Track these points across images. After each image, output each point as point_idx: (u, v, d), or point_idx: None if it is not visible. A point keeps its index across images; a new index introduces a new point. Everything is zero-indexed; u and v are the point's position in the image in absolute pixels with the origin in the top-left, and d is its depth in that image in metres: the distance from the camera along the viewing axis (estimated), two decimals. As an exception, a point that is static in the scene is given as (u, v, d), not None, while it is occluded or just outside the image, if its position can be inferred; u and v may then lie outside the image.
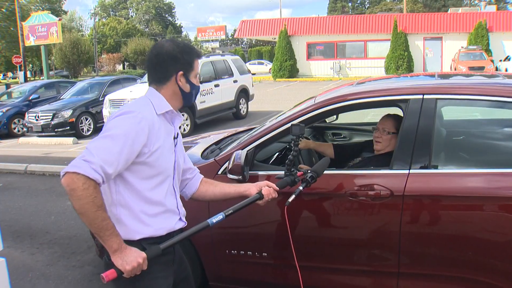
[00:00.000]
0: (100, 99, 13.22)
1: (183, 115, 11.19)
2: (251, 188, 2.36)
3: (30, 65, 57.54)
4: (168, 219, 2.08)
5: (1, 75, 58.72)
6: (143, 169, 1.96)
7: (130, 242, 1.94)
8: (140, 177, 1.96)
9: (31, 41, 31.01)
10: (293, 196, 2.42)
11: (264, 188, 2.35)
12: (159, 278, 2.04)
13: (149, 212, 2.00)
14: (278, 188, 2.39)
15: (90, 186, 1.75)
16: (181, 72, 2.04)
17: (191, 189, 2.36)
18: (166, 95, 2.06)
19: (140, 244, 1.97)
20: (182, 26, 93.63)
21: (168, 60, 2.03)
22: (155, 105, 2.02)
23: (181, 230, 2.16)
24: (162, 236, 2.04)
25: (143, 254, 1.89)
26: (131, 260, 1.85)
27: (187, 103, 2.15)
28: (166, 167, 2.04)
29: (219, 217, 2.14)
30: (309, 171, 2.51)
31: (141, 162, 1.94)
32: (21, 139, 12.89)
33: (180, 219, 2.16)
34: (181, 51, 2.04)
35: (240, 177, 2.73)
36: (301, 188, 2.45)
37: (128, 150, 1.85)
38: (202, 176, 2.42)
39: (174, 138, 2.12)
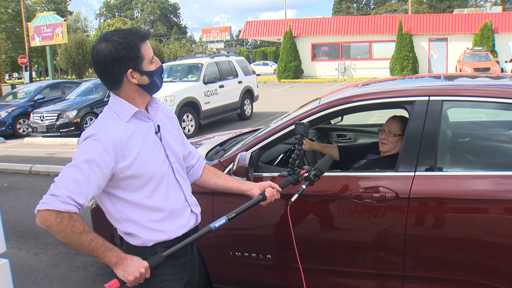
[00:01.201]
0: (105, 100, 13.22)
1: (187, 116, 11.30)
2: (253, 188, 2.33)
3: (36, 66, 57.84)
4: (178, 218, 2.01)
5: (7, 75, 59.02)
6: (130, 182, 1.88)
7: (144, 248, 1.94)
8: (132, 190, 1.89)
9: (36, 42, 31.19)
10: (296, 195, 2.40)
11: (268, 189, 2.32)
12: (171, 281, 2.01)
13: (155, 219, 1.95)
14: (281, 189, 2.36)
15: (64, 219, 1.71)
16: (130, 70, 1.85)
17: (193, 176, 2.32)
18: (127, 96, 1.90)
19: (155, 248, 1.95)
20: (187, 27, 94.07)
21: (111, 65, 1.83)
22: (119, 114, 1.88)
23: (196, 228, 2.13)
24: (178, 237, 2.01)
25: (145, 264, 1.86)
26: (132, 270, 1.83)
27: (154, 92, 1.96)
28: (155, 169, 1.92)
29: (221, 221, 2.12)
30: (312, 169, 2.48)
31: (124, 178, 1.86)
32: (26, 139, 12.93)
33: (192, 211, 2.09)
34: (120, 49, 1.82)
35: (245, 178, 2.72)
36: (304, 186, 2.42)
37: (96, 176, 1.76)
38: (205, 162, 2.39)
39: (156, 132, 1.98)
